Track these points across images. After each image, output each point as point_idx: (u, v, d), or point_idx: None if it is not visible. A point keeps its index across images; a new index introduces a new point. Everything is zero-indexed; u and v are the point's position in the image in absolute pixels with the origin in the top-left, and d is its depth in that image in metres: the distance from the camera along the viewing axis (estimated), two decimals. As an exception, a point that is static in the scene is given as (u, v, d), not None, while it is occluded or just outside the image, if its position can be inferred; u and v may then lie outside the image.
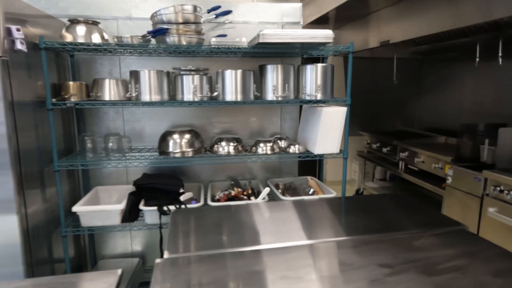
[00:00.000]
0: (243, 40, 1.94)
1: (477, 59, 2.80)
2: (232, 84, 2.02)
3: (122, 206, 1.91)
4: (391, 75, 4.32)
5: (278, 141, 2.26)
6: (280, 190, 2.35)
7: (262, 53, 2.22)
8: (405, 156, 3.45)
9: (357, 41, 3.71)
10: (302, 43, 1.82)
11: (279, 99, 2.08)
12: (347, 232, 1.46)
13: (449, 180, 2.81)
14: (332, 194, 2.13)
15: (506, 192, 2.29)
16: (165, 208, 1.89)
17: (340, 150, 2.19)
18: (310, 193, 2.23)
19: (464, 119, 3.63)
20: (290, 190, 2.38)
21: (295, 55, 2.35)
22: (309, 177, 2.44)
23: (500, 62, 2.63)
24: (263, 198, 2.03)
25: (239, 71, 2.01)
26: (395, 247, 1.37)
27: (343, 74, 4.42)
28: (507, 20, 2.49)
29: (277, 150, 2.15)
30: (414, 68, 4.34)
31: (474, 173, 2.56)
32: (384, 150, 3.83)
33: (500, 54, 2.64)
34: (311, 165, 3.24)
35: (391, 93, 4.39)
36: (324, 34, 1.77)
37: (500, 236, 2.33)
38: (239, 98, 2.03)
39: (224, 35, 2.23)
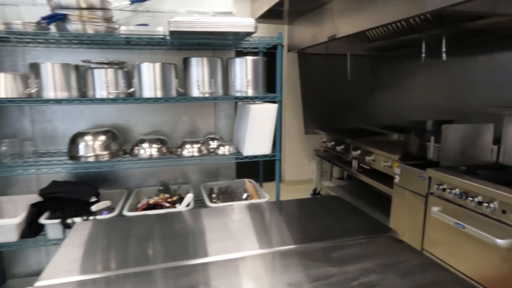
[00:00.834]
0: (159, 29, 1.73)
1: (423, 55, 2.73)
2: (150, 79, 1.80)
3: (18, 220, 1.65)
4: (347, 72, 4.24)
5: (210, 141, 2.07)
6: (214, 195, 2.16)
7: (190, 46, 2.02)
8: (358, 154, 3.35)
9: (309, 35, 3.58)
10: (221, 33, 1.63)
11: (206, 95, 1.89)
12: (263, 244, 1.29)
13: (397, 179, 2.72)
14: (265, 198, 1.96)
15: (449, 190, 2.21)
16: (69, 220, 1.65)
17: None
18: (243, 197, 2.05)
19: (416, 116, 3.59)
20: (226, 194, 2.19)
21: (228, 48, 2.17)
22: (246, 180, 2.26)
23: (444, 58, 2.57)
24: (187, 205, 1.83)
25: (157, 64, 1.80)
26: (311, 261, 1.21)
27: (297, 71, 4.30)
28: (450, 13, 2.43)
29: (205, 151, 1.96)
30: (369, 65, 4.28)
31: (419, 171, 2.48)
32: (338, 148, 3.73)
33: (443, 49, 2.57)
34: (257, 165, 3.09)
35: (347, 90, 4.31)
36: (245, 23, 1.59)
37: (444, 236, 2.25)
38: (159, 94, 1.82)
39: (145, 25, 2.01)
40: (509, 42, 2.50)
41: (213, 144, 2.03)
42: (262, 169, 2.41)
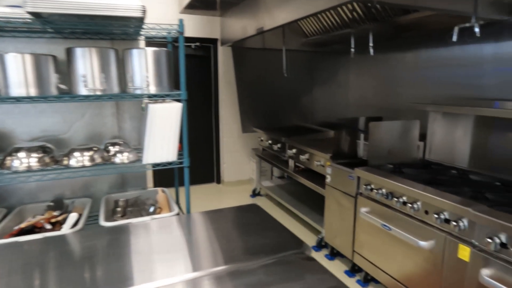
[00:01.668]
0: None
1: (352, 50, 2.63)
2: (20, 73, 1.46)
3: None
4: (283, 68, 4.10)
5: (111, 147, 1.76)
6: (119, 209, 1.86)
7: (77, 34, 1.69)
8: (293, 153, 3.21)
9: (239, 28, 3.36)
10: (95, 16, 1.34)
11: (97, 93, 1.58)
12: (141, 277, 1.03)
13: (328, 179, 2.61)
14: (173, 212, 1.70)
15: (376, 191, 2.12)
16: None
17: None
18: (150, 211, 1.77)
19: (351, 113, 3.54)
20: (134, 207, 1.90)
21: (129, 38, 1.87)
22: (160, 189, 1.99)
23: (372, 53, 2.48)
24: (73, 226, 1.52)
25: (28, 55, 1.45)
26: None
27: (232, 67, 4.07)
28: (377, 3, 2.33)
29: (99, 160, 1.65)
30: (306, 60, 4.18)
31: (348, 170, 2.37)
32: (275, 147, 3.58)
33: (371, 44, 2.49)
34: (181, 170, 2.81)
35: (285, 87, 4.17)
36: (125, 6, 1.31)
37: (373, 238, 2.16)
38: (33, 92, 1.48)
39: (19, 6, 1.64)
40: (435, 38, 2.48)
41: (113, 151, 1.73)
42: (177, 176, 2.14)
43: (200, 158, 4.45)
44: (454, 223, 1.60)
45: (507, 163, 2.00)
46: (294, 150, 3.19)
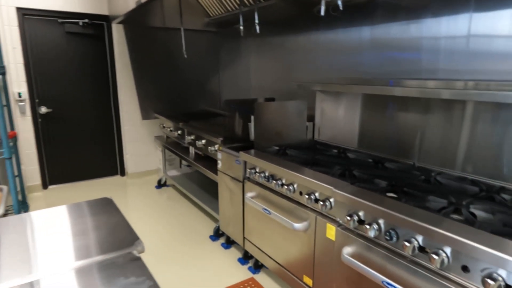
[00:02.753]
0: None
1: (241, 27, 2.49)
2: None
3: None
4: (188, 49, 3.85)
5: None
6: None
7: None
8: (191, 139, 3.02)
9: (123, 2, 3.01)
10: None
11: None
12: None
13: (220, 165, 2.47)
14: None
15: (258, 174, 2.03)
16: None
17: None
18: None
19: (253, 96, 3.44)
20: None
21: None
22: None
23: (257, 31, 2.37)
24: None
25: None
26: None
27: (125, 48, 3.69)
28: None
29: None
30: (210, 42, 3.97)
31: (235, 154, 2.26)
32: (175, 134, 3.35)
33: (256, 21, 2.37)
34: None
35: (189, 69, 3.92)
36: None
37: (259, 223, 2.08)
38: None
39: None
40: (322, 21, 2.44)
41: None
42: (10, 170, 1.80)
43: (100, 149, 4.03)
44: (322, 203, 1.56)
45: (388, 141, 2.05)
46: (192, 136, 3.00)
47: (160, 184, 3.85)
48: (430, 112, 1.78)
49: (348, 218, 1.41)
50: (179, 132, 3.27)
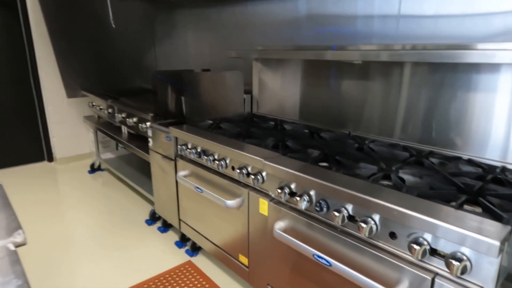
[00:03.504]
0: None
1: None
2: None
3: None
4: (117, 19, 3.47)
5: None
6: None
7: None
8: (122, 118, 2.74)
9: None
10: None
11: None
12: None
13: (151, 143, 2.26)
14: None
15: (190, 150, 1.86)
16: None
17: None
18: None
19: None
20: None
21: None
22: None
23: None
24: None
25: None
26: None
27: (44, 26, 3.22)
28: None
29: None
30: (143, 12, 3.62)
31: (165, 130, 2.06)
32: (106, 112, 3.04)
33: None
34: None
35: (121, 42, 3.56)
36: None
37: (193, 203, 1.93)
38: None
39: None
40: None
41: None
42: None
43: (22, 132, 3.57)
44: (253, 177, 1.44)
45: (327, 112, 1.98)
46: (123, 114, 2.73)
47: (94, 169, 3.52)
48: (368, 79, 1.72)
49: (279, 190, 1.31)
50: (109, 110, 2.97)
